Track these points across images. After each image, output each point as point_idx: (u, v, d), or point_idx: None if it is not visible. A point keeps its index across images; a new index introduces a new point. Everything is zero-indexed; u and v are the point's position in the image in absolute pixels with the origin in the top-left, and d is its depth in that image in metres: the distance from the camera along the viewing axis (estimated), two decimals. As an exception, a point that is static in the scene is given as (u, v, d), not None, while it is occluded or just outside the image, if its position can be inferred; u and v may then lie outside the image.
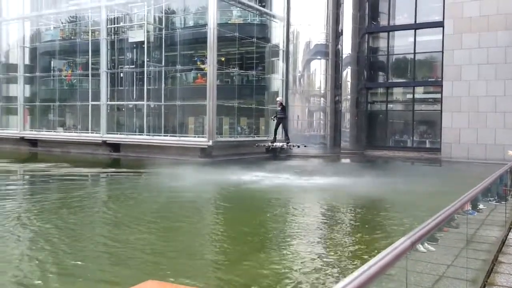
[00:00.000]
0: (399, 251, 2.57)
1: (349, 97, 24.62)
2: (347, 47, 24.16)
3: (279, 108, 17.31)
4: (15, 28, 26.53)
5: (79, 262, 5.87)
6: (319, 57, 22.68)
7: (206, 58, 20.10)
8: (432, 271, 4.71)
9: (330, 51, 22.75)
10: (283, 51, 23.07)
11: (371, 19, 25.75)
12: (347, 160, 22.72)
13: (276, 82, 23.42)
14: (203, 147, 19.43)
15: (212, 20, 19.19)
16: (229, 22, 22.45)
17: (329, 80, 22.81)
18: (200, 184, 12.61)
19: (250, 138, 22.10)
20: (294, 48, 22.90)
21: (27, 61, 26.22)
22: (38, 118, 25.92)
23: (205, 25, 20.07)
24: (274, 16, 23.18)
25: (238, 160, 19.38)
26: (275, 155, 21.66)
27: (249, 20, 23.19)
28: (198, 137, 20.43)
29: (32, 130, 25.38)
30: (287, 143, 17.56)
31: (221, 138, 20.30)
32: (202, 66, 21.67)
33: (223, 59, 21.89)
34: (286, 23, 22.89)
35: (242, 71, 22.85)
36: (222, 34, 20.15)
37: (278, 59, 23.26)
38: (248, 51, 22.73)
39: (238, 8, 22.49)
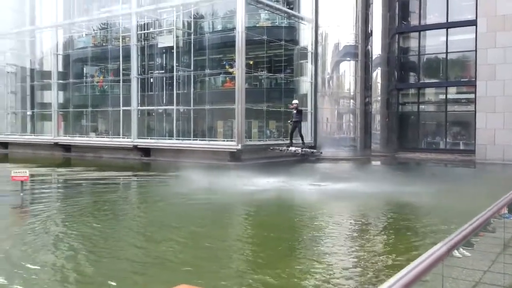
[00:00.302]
0: (435, 258, 2.46)
1: (379, 98, 24.25)
2: (377, 47, 23.83)
3: (295, 112, 16.92)
4: (48, 36, 27.29)
5: (103, 270, 5.83)
6: (348, 58, 22.43)
7: (235, 61, 20.18)
8: (468, 277, 4.55)
9: (360, 52, 22.47)
10: (311, 53, 22.92)
11: (402, 19, 25.33)
12: (378, 163, 22.31)
13: (305, 84, 23.28)
14: (232, 150, 19.47)
15: (240, 23, 19.25)
16: (257, 25, 22.49)
17: (359, 82, 22.52)
18: (227, 188, 12.54)
19: (280, 142, 22.00)
20: (322, 50, 22.72)
21: (60, 68, 26.91)
22: (71, 124, 26.57)
23: (233, 29, 20.17)
24: (302, 18, 23.07)
25: (267, 163, 19.31)
26: (304, 158, 21.48)
27: (277, 23, 23.17)
28: (227, 140, 20.51)
29: (66, 136, 26.01)
30: (302, 148, 17.14)
31: (250, 142, 20.32)
32: (230, 70, 21.78)
33: (251, 62, 21.93)
34: (314, 25, 22.75)
35: (271, 74, 22.81)
36: (251, 37, 20.20)
37: (307, 61, 23.12)
38: (276, 54, 22.70)
39: (266, 11, 22.49)
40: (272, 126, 22.86)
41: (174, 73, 21.88)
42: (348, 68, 22.52)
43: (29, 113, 28.58)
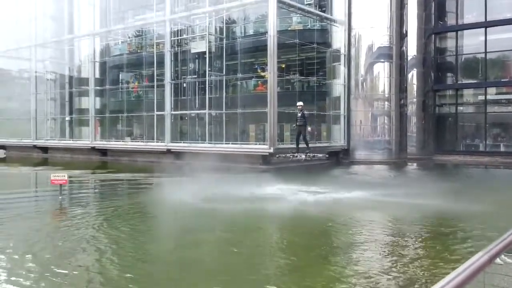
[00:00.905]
0: (476, 267, 2.33)
1: (415, 100, 23.71)
2: (412, 48, 23.33)
3: (299, 115, 15.85)
4: (86, 44, 28.09)
5: (129, 275, 5.77)
6: (382, 60, 22.05)
7: (267, 65, 20.15)
8: (510, 285, 4.31)
9: (394, 54, 22.05)
10: (344, 55, 22.65)
11: (438, 19, 24.74)
12: (415, 167, 21.75)
13: (338, 87, 23.02)
14: (264, 154, 19.41)
15: (272, 27, 19.22)
16: (289, 29, 22.42)
17: (394, 83, 22.08)
18: (255, 193, 12.31)
19: (311, 145, 21.81)
20: (356, 52, 22.42)
21: (97, 75, 27.58)
22: (107, 129, 27.18)
23: (265, 33, 20.15)
24: (334, 21, 22.84)
25: (299, 167, 19.11)
26: (337, 161, 21.20)
27: (309, 26, 23.02)
28: (259, 144, 20.46)
29: (102, 140, 26.60)
30: (307, 153, 16.06)
31: (282, 145, 20.20)
32: (262, 74, 21.77)
33: (283, 65, 21.85)
34: (347, 27, 22.48)
35: (303, 77, 22.66)
36: (282, 41, 20.12)
37: (340, 64, 22.85)
38: (308, 56, 22.55)
39: (298, 15, 22.39)
40: (305, 129, 22.67)
41: (207, 77, 22.04)
42: (382, 70, 22.12)
43: (67, 118, 29.42)
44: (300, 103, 16.26)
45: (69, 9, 29.77)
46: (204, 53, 22.25)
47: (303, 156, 16.05)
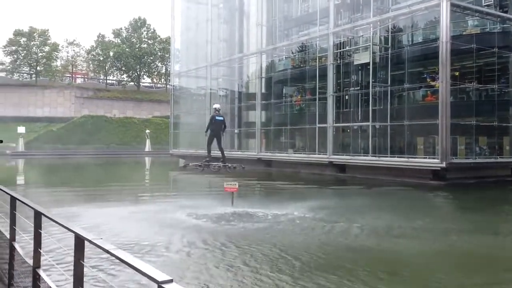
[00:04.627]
0: None
1: None
2: None
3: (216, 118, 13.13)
4: (254, 61, 29.92)
5: None
6: None
7: (437, 74, 18.79)
8: None
9: None
10: (533, 59, 19.88)
11: None
12: None
13: (525, 95, 20.27)
14: (435, 169, 18.00)
15: (444, 33, 17.97)
16: (463, 33, 20.58)
17: None
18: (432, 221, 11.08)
19: (492, 160, 19.53)
20: (548, 55, 19.48)
21: (263, 90, 29.10)
22: (272, 141, 28.33)
23: (436, 39, 18.92)
24: (519, 21, 20.28)
25: (477, 184, 17.28)
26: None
27: (487, 29, 20.85)
28: (428, 158, 19.06)
29: (267, 152, 27.79)
30: (206, 162, 13.15)
31: (455, 160, 18.48)
32: (432, 83, 20.34)
33: (456, 73, 20.09)
34: (536, 26, 19.74)
35: (481, 85, 20.46)
36: (456, 47, 18.59)
37: (527, 69, 20.12)
38: (487, 62, 20.32)
39: (475, 18, 20.43)
40: (483, 142, 20.36)
41: (370, 89, 21.47)
42: None
43: (236, 131, 31.58)
44: (215, 105, 13.74)
45: (239, 31, 32.28)
46: (368, 64, 21.77)
47: (216, 168, 13.29)
